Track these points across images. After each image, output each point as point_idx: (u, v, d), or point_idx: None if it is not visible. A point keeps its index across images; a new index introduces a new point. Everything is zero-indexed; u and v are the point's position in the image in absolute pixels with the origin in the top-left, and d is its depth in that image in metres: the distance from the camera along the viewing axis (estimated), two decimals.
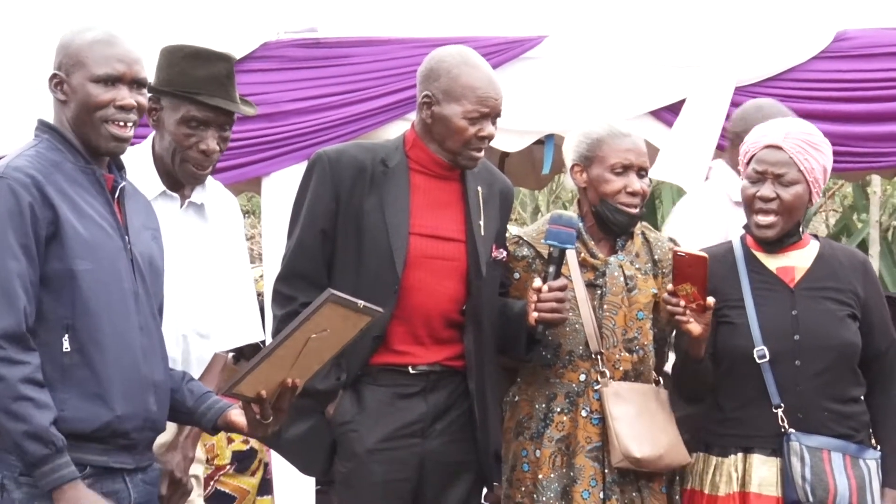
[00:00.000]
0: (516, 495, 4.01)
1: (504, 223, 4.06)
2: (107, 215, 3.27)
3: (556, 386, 4.02)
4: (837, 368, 3.95)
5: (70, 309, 3.18)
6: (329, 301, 3.17)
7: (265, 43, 5.03)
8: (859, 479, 3.89)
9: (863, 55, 5.00)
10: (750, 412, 3.95)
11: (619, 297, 4.02)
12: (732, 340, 3.94)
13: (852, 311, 3.98)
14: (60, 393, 3.15)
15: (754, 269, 4.02)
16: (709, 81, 4.97)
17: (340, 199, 3.87)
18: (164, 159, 3.89)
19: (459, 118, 3.83)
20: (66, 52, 3.27)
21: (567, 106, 4.97)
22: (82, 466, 3.17)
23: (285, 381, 3.25)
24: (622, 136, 4.03)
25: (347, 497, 3.93)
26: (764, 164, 3.93)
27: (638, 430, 3.92)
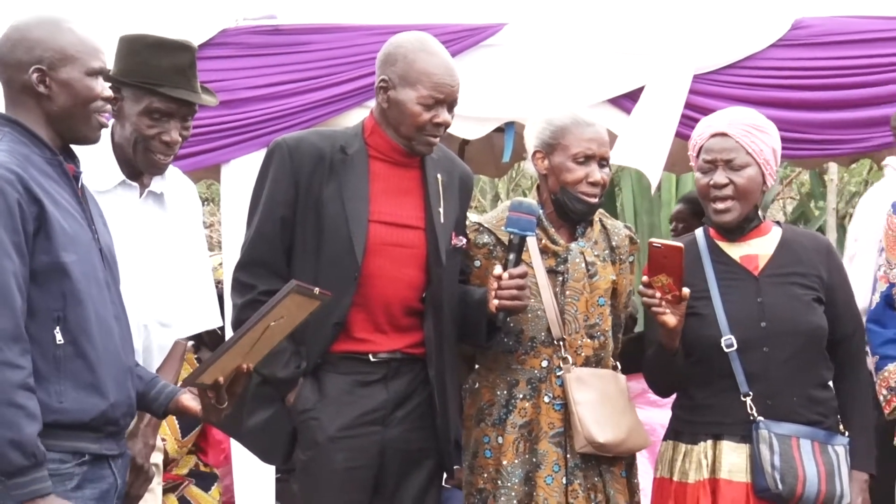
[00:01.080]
0: (478, 482, 4.02)
1: (464, 210, 4.06)
2: (76, 206, 3.28)
3: (518, 372, 4.02)
4: (806, 353, 3.95)
5: (61, 301, 3.17)
6: (293, 291, 3.20)
7: (224, 30, 5.00)
8: (828, 465, 3.90)
9: (820, 43, 5.01)
10: (719, 400, 3.95)
11: (580, 284, 4.03)
12: (700, 331, 3.94)
13: (818, 294, 3.98)
14: (57, 385, 3.15)
15: (718, 260, 4.02)
16: (667, 69, 4.97)
17: (300, 186, 3.86)
18: (125, 148, 3.87)
19: (414, 103, 3.83)
20: (45, 47, 3.25)
21: (527, 93, 4.96)
22: (81, 455, 3.19)
23: (240, 367, 3.29)
24: (586, 125, 4.04)
25: (308, 485, 3.92)
26: (712, 153, 3.95)
27: (600, 416, 3.94)
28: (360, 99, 4.92)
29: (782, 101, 4.95)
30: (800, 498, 3.85)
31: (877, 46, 4.97)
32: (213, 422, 3.42)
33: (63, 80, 3.26)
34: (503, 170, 7.22)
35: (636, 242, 4.18)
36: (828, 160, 7.35)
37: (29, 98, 3.27)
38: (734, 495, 3.88)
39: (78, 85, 3.26)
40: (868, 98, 5.00)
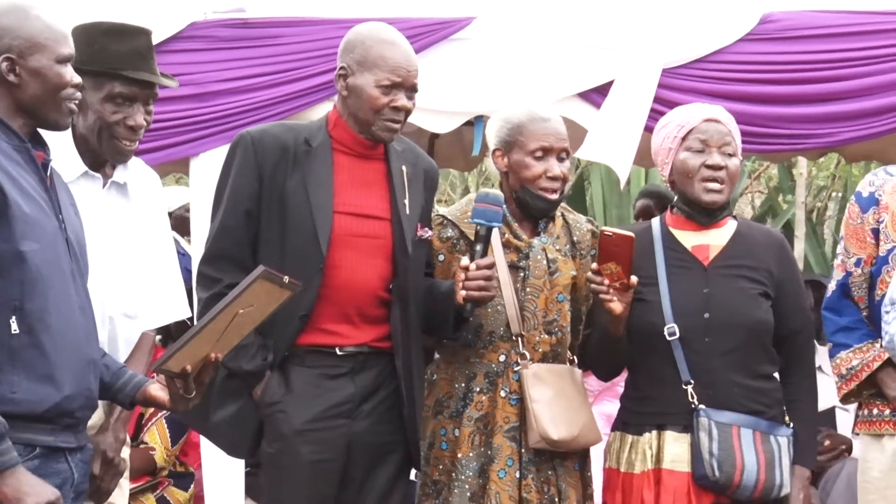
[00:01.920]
0: (434, 473, 4.03)
1: (429, 202, 4.06)
2: (43, 194, 3.25)
3: (476, 366, 4.03)
4: (748, 346, 3.97)
5: (18, 290, 3.14)
6: (261, 277, 3.19)
7: (193, 23, 4.99)
8: (769, 455, 3.92)
9: (788, 37, 5.02)
10: (663, 390, 3.98)
11: (541, 281, 4.04)
12: (645, 317, 3.97)
13: (765, 289, 4.01)
14: (10, 375, 3.12)
15: (670, 247, 4.05)
16: (636, 63, 4.98)
17: (264, 178, 3.85)
18: (88, 139, 3.83)
19: (372, 87, 3.82)
20: (14, 35, 3.23)
21: (496, 87, 4.96)
22: (32, 447, 3.15)
23: (208, 356, 3.26)
24: (542, 120, 4.04)
25: (275, 478, 3.90)
26: (707, 135, 3.98)
27: (555, 412, 3.95)
28: (330, 93, 4.89)
29: (751, 96, 4.96)
30: (738, 486, 3.89)
31: (844, 41, 4.98)
32: (180, 411, 3.39)
33: (33, 68, 3.24)
34: (472, 164, 7.21)
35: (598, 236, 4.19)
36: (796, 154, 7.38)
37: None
38: (676, 485, 3.91)
39: (49, 73, 3.25)
40: (836, 92, 5.01)
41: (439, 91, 4.81)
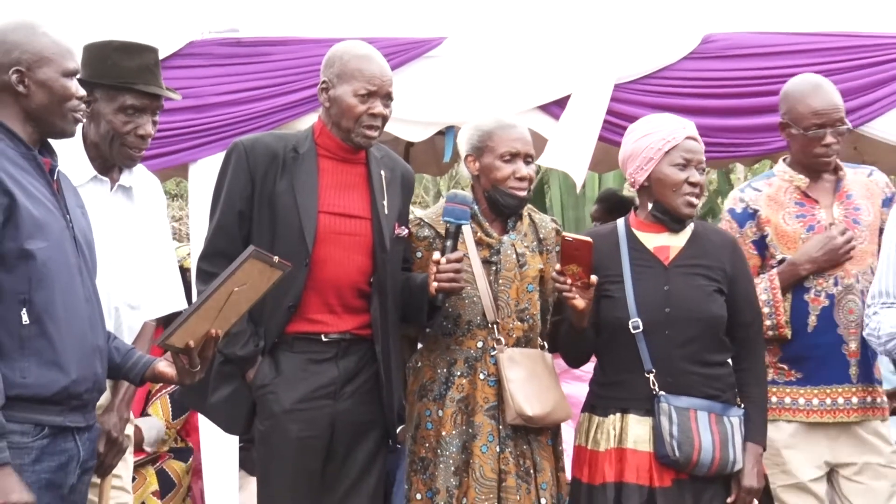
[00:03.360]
0: (420, 451, 4.00)
1: (406, 204, 4.04)
2: (50, 196, 3.22)
3: (456, 352, 4.01)
4: (704, 338, 3.96)
5: (27, 285, 3.11)
6: (252, 256, 3.17)
7: (191, 41, 4.96)
8: (722, 434, 3.91)
9: (727, 56, 5.02)
10: (627, 377, 3.95)
11: (512, 273, 4.02)
12: (612, 312, 3.95)
13: (720, 286, 3.99)
14: (21, 362, 3.10)
15: (634, 248, 4.03)
16: (591, 79, 4.97)
17: (255, 182, 3.84)
18: (100, 146, 3.82)
19: (350, 96, 3.83)
20: (23, 49, 3.20)
21: (465, 100, 4.95)
22: (41, 427, 3.13)
23: (209, 332, 3.24)
24: (510, 127, 4.04)
25: (266, 453, 3.89)
26: (690, 153, 3.97)
27: (529, 391, 3.93)
28: (315, 105, 4.84)
29: (694, 108, 4.95)
30: (696, 464, 3.87)
31: (778, 59, 4.99)
32: (186, 385, 3.37)
33: (40, 79, 3.21)
34: (444, 169, 7.22)
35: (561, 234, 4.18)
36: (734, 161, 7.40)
37: (8, 97, 3.21)
38: (639, 463, 3.89)
39: (55, 84, 3.22)
40: (770, 105, 4.98)
41: (414, 103, 4.79)
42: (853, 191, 4.21)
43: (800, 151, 4.18)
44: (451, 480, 3.92)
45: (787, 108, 4.19)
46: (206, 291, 3.20)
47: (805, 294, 4.12)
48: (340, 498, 3.88)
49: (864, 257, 4.14)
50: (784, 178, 4.22)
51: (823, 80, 4.22)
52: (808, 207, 4.18)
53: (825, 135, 4.11)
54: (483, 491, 3.89)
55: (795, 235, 4.14)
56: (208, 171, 4.79)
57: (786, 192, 4.19)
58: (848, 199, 4.19)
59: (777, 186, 4.21)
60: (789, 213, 4.17)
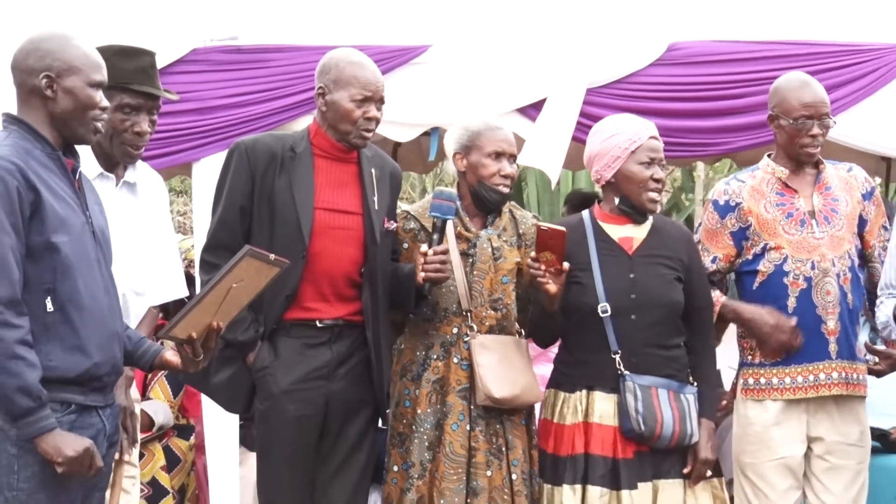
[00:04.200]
0: (399, 426, 4.01)
1: (394, 200, 4.04)
2: (72, 194, 3.22)
3: (433, 337, 4.01)
4: (665, 322, 3.99)
5: (51, 275, 3.12)
6: (247, 255, 3.16)
7: (194, 49, 4.93)
8: (681, 409, 3.94)
9: (691, 63, 5.01)
10: (594, 357, 3.98)
11: (486, 265, 4.02)
12: (581, 298, 3.97)
13: (678, 274, 4.02)
14: (46, 346, 3.11)
15: (601, 238, 4.04)
16: (565, 84, 4.97)
17: (255, 180, 3.83)
18: (102, 144, 3.80)
19: (347, 101, 3.81)
20: (54, 57, 3.20)
21: (449, 103, 4.94)
22: (68, 405, 3.15)
23: (211, 324, 3.24)
24: (496, 128, 4.05)
25: (265, 430, 3.89)
26: (653, 152, 4.00)
27: (499, 376, 3.94)
28: (311, 107, 4.83)
29: (660, 111, 4.94)
30: (658, 437, 3.91)
31: (737, 66, 4.98)
32: (190, 373, 3.38)
33: (67, 87, 3.20)
34: (429, 167, 7.20)
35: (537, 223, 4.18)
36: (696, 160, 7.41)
37: (36, 100, 3.21)
38: (603, 436, 3.92)
39: (80, 93, 3.21)
40: (730, 109, 5.02)
41: (401, 106, 4.78)
42: (832, 183, 4.20)
43: (787, 142, 4.16)
44: (425, 455, 3.93)
45: (777, 101, 4.16)
46: (204, 288, 3.21)
47: (784, 277, 4.12)
48: (333, 471, 3.88)
49: (841, 244, 4.14)
50: (767, 170, 4.21)
51: (811, 78, 4.23)
52: (788, 197, 4.17)
53: (812, 126, 4.11)
54: (452, 466, 3.90)
55: (775, 222, 4.14)
56: (211, 169, 4.77)
57: (768, 184, 4.19)
58: (827, 191, 4.19)
59: (760, 178, 4.21)
60: (770, 201, 4.16)
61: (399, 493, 3.96)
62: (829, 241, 4.11)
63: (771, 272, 4.12)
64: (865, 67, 4.95)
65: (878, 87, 4.94)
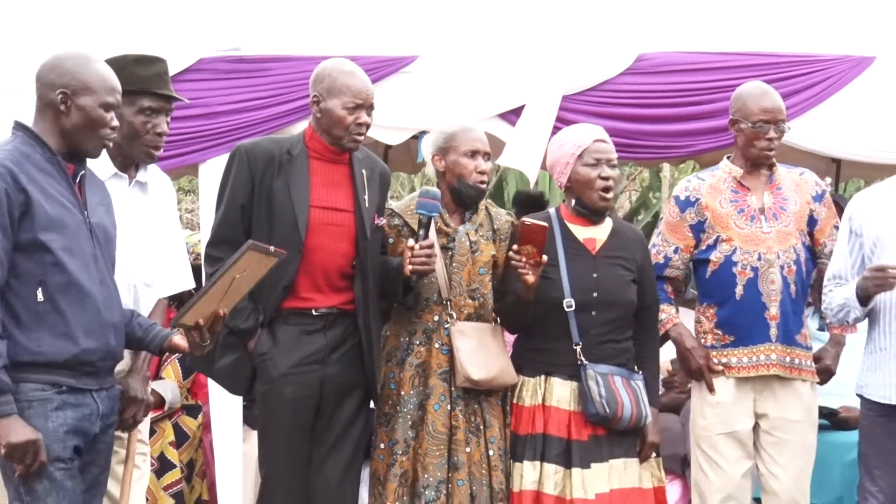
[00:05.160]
0: (384, 407, 4.01)
1: (383, 198, 4.03)
2: (69, 195, 3.21)
3: (416, 324, 4.01)
4: (620, 319, 4.01)
5: (42, 269, 3.12)
6: (250, 249, 3.18)
7: (200, 58, 4.92)
8: (634, 393, 3.97)
9: (657, 72, 5.01)
10: (554, 346, 3.98)
11: (465, 258, 4.02)
12: (548, 292, 3.96)
13: (634, 276, 4.04)
14: (36, 332, 3.11)
15: (566, 237, 4.06)
16: (542, 91, 4.96)
17: (255, 180, 3.82)
18: (122, 145, 3.77)
19: (340, 109, 3.80)
20: (73, 76, 3.20)
21: (435, 109, 4.92)
22: (59, 385, 3.14)
23: (216, 312, 3.25)
24: (470, 129, 4.06)
25: (265, 411, 3.89)
26: (600, 153, 3.99)
27: (476, 360, 3.93)
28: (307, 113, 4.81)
29: (629, 116, 4.95)
30: (620, 419, 3.92)
31: (701, 75, 4.98)
32: (197, 356, 3.38)
33: (80, 105, 3.20)
34: (417, 168, 7.19)
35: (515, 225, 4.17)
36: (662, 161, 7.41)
37: (50, 112, 3.21)
38: (560, 418, 3.94)
39: (92, 113, 3.21)
40: (693, 114, 5.02)
41: (391, 112, 4.77)
42: (784, 184, 4.25)
43: (746, 144, 4.20)
44: (409, 433, 3.93)
45: (738, 107, 4.22)
46: (211, 279, 3.21)
47: (733, 267, 4.16)
48: (328, 448, 3.87)
49: (788, 238, 4.18)
50: (725, 170, 4.26)
51: (769, 86, 4.27)
52: (742, 194, 4.21)
53: (769, 130, 4.16)
54: (434, 442, 3.91)
55: (728, 217, 4.18)
56: (216, 170, 4.73)
57: (725, 182, 4.23)
58: (778, 191, 4.23)
59: (719, 177, 4.25)
60: (725, 198, 4.21)
61: (385, 468, 3.95)
62: (776, 236, 4.16)
63: (722, 262, 4.17)
64: (818, 77, 4.95)
65: (829, 95, 4.95)
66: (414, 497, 3.90)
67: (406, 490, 3.90)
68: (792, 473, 4.16)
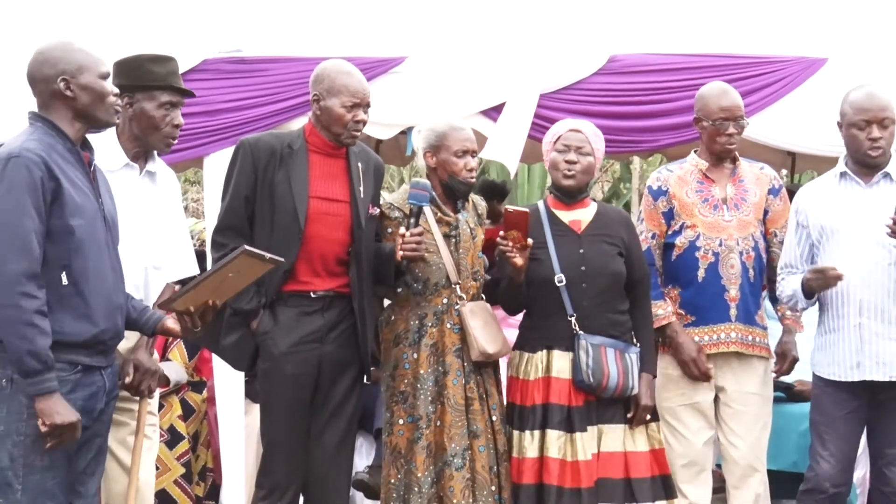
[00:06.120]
0: (400, 386, 4.00)
1: (377, 189, 4.02)
2: (87, 184, 3.20)
3: (426, 308, 4.01)
4: (610, 290, 4.01)
5: (67, 254, 3.10)
6: (242, 254, 3.17)
7: (205, 59, 4.89)
8: (625, 366, 3.96)
9: (627, 72, 5.01)
10: (552, 321, 3.99)
11: (468, 243, 4.04)
12: (539, 271, 3.98)
13: (619, 250, 4.04)
14: (59, 314, 3.09)
15: (553, 221, 4.07)
16: (521, 90, 4.96)
17: (258, 173, 3.81)
18: (139, 137, 3.77)
19: (339, 107, 3.79)
20: (65, 62, 3.17)
21: (423, 106, 4.91)
22: (76, 365, 3.13)
23: (207, 302, 3.25)
24: (460, 129, 4.05)
25: (267, 386, 3.88)
26: (569, 141, 4.02)
27: (487, 335, 3.96)
28: (305, 110, 4.82)
29: (601, 113, 4.95)
30: (604, 388, 3.93)
31: (667, 75, 4.98)
32: (188, 339, 3.43)
33: (83, 84, 3.18)
34: (406, 161, 7.19)
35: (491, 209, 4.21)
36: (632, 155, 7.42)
37: (58, 101, 3.18)
38: (560, 387, 3.94)
39: (95, 86, 3.19)
40: (661, 111, 5.02)
41: (382, 109, 4.75)
42: (745, 177, 4.28)
43: (708, 140, 4.23)
44: (430, 408, 3.94)
45: (700, 106, 4.24)
46: (202, 274, 3.22)
47: (696, 252, 4.18)
48: (325, 421, 3.88)
49: (748, 227, 4.20)
50: (692, 163, 4.28)
51: (729, 86, 4.30)
52: (706, 185, 4.24)
53: (729, 126, 4.18)
54: (456, 414, 3.92)
55: (693, 205, 4.20)
56: (219, 163, 4.75)
57: (691, 174, 4.26)
58: (740, 183, 4.26)
59: (686, 170, 4.27)
60: (691, 188, 4.23)
61: (407, 442, 3.94)
62: (737, 224, 4.19)
63: (686, 247, 4.19)
64: (774, 76, 4.97)
65: (785, 93, 4.96)
66: (442, 465, 3.90)
67: (432, 460, 3.92)
68: (748, 442, 4.19)
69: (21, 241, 3.02)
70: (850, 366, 3.96)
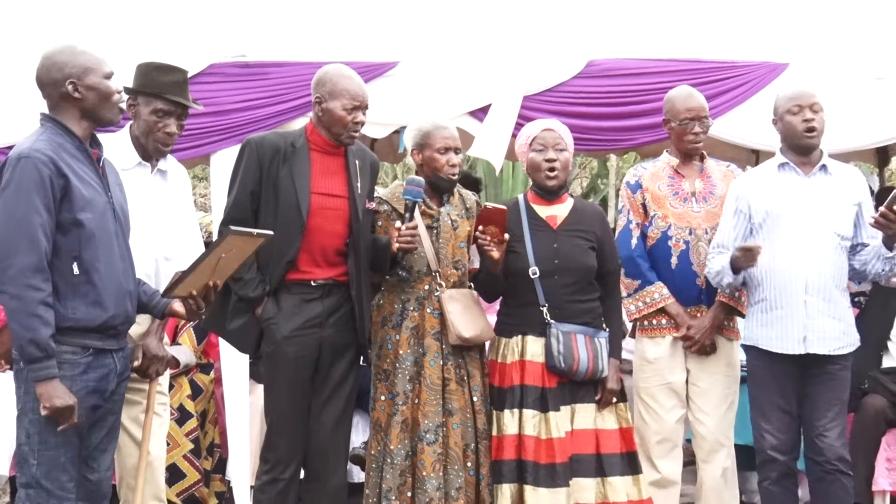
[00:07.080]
0: (383, 364, 4.01)
1: (373, 185, 4.02)
2: (96, 179, 3.19)
3: (409, 293, 4.00)
4: (581, 282, 4.02)
5: (77, 245, 3.10)
6: (230, 234, 3.19)
7: (211, 64, 4.87)
8: (594, 351, 3.97)
9: (605, 76, 5.01)
10: (526, 309, 4.00)
11: (448, 234, 4.02)
12: (516, 264, 3.99)
13: (592, 244, 4.05)
14: (72, 302, 3.10)
15: (531, 216, 4.07)
16: (506, 92, 4.96)
17: (262, 169, 3.79)
18: (140, 139, 3.77)
19: (340, 109, 3.78)
20: (71, 65, 3.15)
21: (414, 107, 4.90)
22: (87, 348, 3.13)
23: (208, 284, 3.26)
24: (443, 127, 4.03)
25: (270, 368, 3.87)
26: (545, 140, 4.02)
27: (464, 320, 3.95)
28: (304, 111, 4.82)
29: (580, 114, 4.95)
30: (575, 372, 3.94)
31: (641, 78, 4.98)
32: (194, 321, 3.42)
33: (89, 84, 3.16)
34: (399, 158, 7.18)
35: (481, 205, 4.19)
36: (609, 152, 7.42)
37: (67, 103, 3.17)
38: (534, 370, 3.96)
39: (101, 86, 3.18)
40: (635, 112, 5.02)
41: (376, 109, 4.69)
42: (713, 174, 4.32)
43: (676, 139, 4.28)
44: (407, 386, 3.94)
45: (668, 108, 4.29)
46: (195, 260, 3.22)
47: (669, 241, 4.22)
48: (325, 400, 3.88)
49: (715, 218, 4.24)
50: (665, 160, 4.33)
51: (694, 89, 4.33)
52: (677, 180, 4.28)
53: (694, 126, 4.22)
54: (432, 393, 3.92)
55: (664, 198, 4.25)
56: (225, 160, 4.73)
57: (664, 170, 4.30)
58: (708, 179, 4.30)
59: (659, 166, 4.31)
60: (663, 182, 4.28)
61: (386, 417, 3.96)
62: (705, 215, 4.23)
63: (658, 237, 4.23)
64: (740, 80, 4.97)
65: (749, 96, 4.97)
66: (416, 440, 3.91)
67: (407, 434, 3.92)
68: (715, 419, 4.21)
69: (29, 237, 3.02)
70: (796, 339, 3.98)
